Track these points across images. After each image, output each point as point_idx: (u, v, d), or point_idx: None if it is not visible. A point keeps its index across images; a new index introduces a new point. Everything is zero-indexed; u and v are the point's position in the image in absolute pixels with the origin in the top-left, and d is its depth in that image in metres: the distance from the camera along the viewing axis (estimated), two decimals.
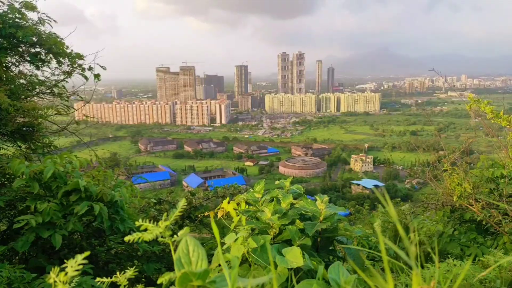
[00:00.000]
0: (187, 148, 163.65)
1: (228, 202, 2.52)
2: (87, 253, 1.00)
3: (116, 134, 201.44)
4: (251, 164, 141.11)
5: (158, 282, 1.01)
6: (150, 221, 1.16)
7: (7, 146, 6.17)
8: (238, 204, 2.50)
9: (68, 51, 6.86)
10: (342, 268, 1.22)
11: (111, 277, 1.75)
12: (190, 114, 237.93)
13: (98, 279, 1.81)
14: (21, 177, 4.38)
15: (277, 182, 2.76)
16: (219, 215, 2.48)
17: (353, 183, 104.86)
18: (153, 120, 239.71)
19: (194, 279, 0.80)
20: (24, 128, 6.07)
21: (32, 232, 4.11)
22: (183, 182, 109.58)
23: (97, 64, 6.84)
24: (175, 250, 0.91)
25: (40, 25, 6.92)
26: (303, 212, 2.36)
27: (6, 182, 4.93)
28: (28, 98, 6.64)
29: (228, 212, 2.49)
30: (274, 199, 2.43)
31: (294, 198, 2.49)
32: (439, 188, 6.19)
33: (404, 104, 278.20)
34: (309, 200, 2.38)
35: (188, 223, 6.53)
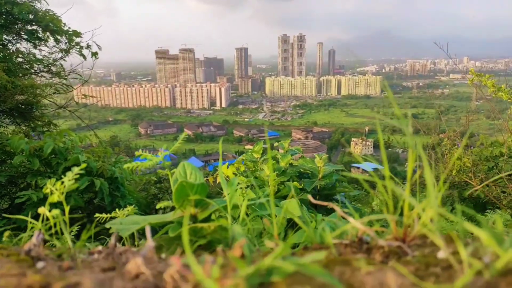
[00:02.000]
0: (187, 132, 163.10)
1: (228, 167, 2.54)
2: (83, 165, 1.01)
3: (116, 118, 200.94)
4: (251, 147, 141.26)
5: (157, 207, 1.02)
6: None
7: (6, 124, 6.17)
8: (237, 169, 2.52)
9: (65, 28, 6.79)
10: (339, 218, 1.24)
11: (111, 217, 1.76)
12: (190, 97, 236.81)
13: (97, 214, 1.84)
14: (21, 153, 4.39)
15: (276, 144, 2.78)
16: (218, 180, 2.50)
17: (353, 166, 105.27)
18: (153, 103, 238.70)
19: (192, 192, 0.80)
20: (23, 106, 6.05)
21: (33, 208, 4.14)
22: None
23: (94, 42, 6.77)
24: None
25: (36, 2, 6.82)
26: (301, 170, 2.38)
27: (6, 159, 4.94)
28: (26, 76, 6.60)
29: (228, 176, 2.52)
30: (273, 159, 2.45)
31: (293, 159, 2.52)
32: (439, 166, 6.21)
33: (406, 87, 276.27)
34: (308, 158, 2.39)
35: None
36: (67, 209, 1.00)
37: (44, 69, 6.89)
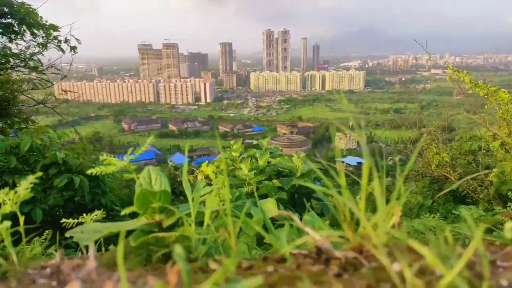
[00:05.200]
0: (171, 127, 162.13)
1: (207, 165, 2.52)
2: (39, 174, 0.97)
3: (99, 114, 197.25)
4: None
5: (122, 213, 0.99)
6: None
7: None
8: (217, 167, 2.50)
9: (42, 22, 6.58)
10: (316, 216, 1.24)
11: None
12: (174, 92, 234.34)
13: (63, 220, 1.79)
14: None
15: (254, 142, 2.76)
16: (199, 178, 2.48)
17: (337, 161, 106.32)
18: (136, 98, 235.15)
19: (154, 199, 0.78)
20: None
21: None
22: (168, 161, 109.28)
23: (73, 36, 6.58)
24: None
25: None
26: (280, 168, 2.37)
27: None
28: (2, 72, 6.38)
29: (208, 175, 2.49)
30: (252, 158, 2.43)
31: (273, 157, 2.51)
32: (419, 160, 6.33)
33: (388, 82, 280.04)
34: (286, 157, 2.39)
35: (172, 197, 6.53)
36: (21, 219, 0.96)
37: (21, 64, 6.67)
